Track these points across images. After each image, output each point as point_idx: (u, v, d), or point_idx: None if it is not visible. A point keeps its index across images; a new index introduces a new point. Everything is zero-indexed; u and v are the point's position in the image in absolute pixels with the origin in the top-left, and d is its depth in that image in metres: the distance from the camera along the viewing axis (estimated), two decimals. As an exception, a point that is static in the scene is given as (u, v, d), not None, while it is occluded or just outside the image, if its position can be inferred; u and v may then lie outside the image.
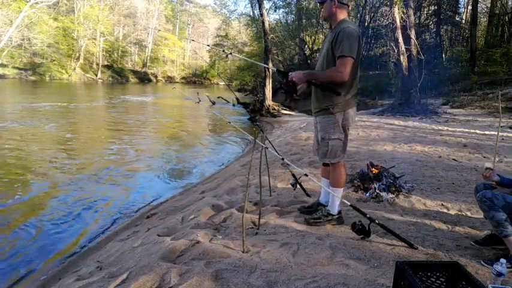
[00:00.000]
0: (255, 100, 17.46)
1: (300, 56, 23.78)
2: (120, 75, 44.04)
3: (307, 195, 3.33)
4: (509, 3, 20.29)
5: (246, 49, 26.48)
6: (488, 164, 2.14)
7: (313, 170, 4.42)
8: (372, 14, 21.49)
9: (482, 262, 2.05)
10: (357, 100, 2.82)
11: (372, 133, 7.55)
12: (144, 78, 47.35)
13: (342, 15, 2.48)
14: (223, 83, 41.31)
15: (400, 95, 12.65)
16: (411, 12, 12.41)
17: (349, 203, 2.48)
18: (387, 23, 13.11)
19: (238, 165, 5.98)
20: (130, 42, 49.32)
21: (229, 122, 3.73)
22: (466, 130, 8.13)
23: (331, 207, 2.64)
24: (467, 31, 20.20)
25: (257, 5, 16.92)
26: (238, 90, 29.90)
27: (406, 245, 2.26)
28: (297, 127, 9.92)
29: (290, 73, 2.49)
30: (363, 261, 2.07)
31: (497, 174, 2.15)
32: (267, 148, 2.88)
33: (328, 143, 2.52)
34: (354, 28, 2.40)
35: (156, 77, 50.27)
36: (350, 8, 2.60)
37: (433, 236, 2.44)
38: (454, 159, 5.09)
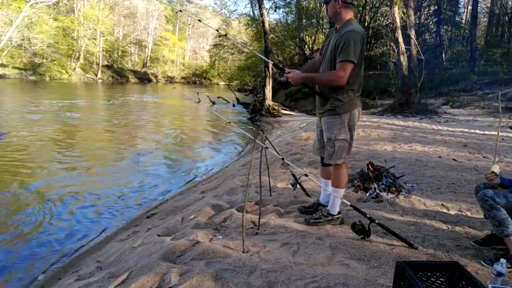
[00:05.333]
0: (255, 100, 17.44)
1: (300, 56, 23.77)
2: (120, 75, 44.04)
3: (307, 195, 3.33)
4: (509, 3, 20.29)
5: (246, 49, 26.46)
6: (495, 169, 2.12)
7: (313, 170, 4.42)
8: (372, 14, 21.47)
9: (482, 262, 2.05)
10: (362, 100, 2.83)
11: (372, 133, 7.55)
12: (144, 78, 47.35)
13: (348, 15, 2.44)
14: (223, 83, 41.29)
15: (400, 95, 12.66)
16: (411, 12, 12.42)
17: (349, 203, 2.48)
18: (387, 23, 13.12)
19: (238, 165, 5.98)
20: (130, 42, 49.32)
21: (229, 122, 3.71)
22: (466, 130, 8.14)
23: (332, 207, 2.64)
24: (467, 31, 20.21)
25: (257, 5, 16.90)
26: (238, 90, 29.90)
27: (406, 245, 2.26)
28: (297, 127, 9.91)
29: (287, 70, 2.47)
30: (363, 261, 2.07)
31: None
32: (267, 148, 2.87)
33: (335, 144, 2.50)
34: (357, 30, 2.35)
35: (156, 77, 50.27)
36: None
37: (433, 236, 2.44)
38: (454, 159, 5.09)
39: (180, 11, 3.46)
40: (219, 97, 21.94)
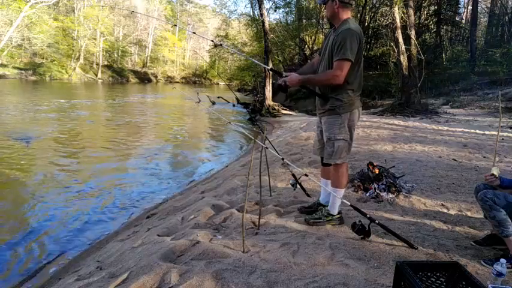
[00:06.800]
0: (255, 100, 17.46)
1: (300, 56, 23.74)
2: (120, 75, 44.03)
3: (307, 195, 3.33)
4: (509, 3, 20.29)
5: (246, 49, 26.43)
6: (495, 171, 2.12)
7: (313, 170, 4.42)
8: (372, 14, 21.46)
9: (482, 262, 2.05)
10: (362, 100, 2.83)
11: (372, 133, 7.55)
12: (144, 78, 47.35)
13: (345, 15, 2.45)
14: (224, 83, 41.32)
15: (400, 95, 12.66)
16: (411, 12, 12.41)
17: (349, 203, 2.47)
18: (387, 23, 13.12)
19: (238, 165, 5.97)
20: (130, 42, 49.30)
21: (229, 122, 3.71)
22: (466, 130, 8.13)
23: (332, 208, 2.64)
24: (467, 31, 20.21)
25: (257, 5, 16.90)
26: (238, 90, 29.94)
27: (406, 245, 2.26)
28: (297, 127, 9.91)
29: (284, 74, 2.48)
30: (363, 261, 2.07)
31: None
32: (267, 148, 2.87)
33: (334, 144, 2.50)
34: (354, 29, 2.35)
35: (156, 77, 50.28)
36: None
37: (433, 236, 2.44)
38: (454, 159, 5.09)
39: (175, 25, 3.58)
40: (219, 97, 21.94)
